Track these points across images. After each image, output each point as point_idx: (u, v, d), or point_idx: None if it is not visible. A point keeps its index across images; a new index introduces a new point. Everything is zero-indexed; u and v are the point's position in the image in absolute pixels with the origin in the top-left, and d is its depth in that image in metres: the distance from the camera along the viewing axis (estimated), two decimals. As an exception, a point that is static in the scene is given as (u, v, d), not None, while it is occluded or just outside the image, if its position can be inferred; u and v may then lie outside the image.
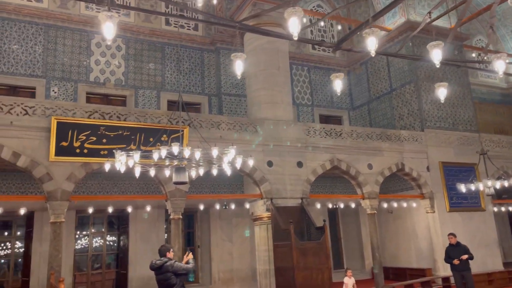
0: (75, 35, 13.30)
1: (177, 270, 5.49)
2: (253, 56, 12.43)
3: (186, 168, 6.95)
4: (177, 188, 10.03)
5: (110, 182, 12.26)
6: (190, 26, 15.19)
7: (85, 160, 9.14)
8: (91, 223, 13.35)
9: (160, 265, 5.57)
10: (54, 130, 8.80)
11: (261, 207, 11.23)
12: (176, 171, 6.65)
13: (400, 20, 15.23)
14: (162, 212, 13.07)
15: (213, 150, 6.36)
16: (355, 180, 12.52)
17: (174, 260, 5.64)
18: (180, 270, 5.49)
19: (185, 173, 6.72)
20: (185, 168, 6.80)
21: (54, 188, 8.78)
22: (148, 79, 14.04)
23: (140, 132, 9.64)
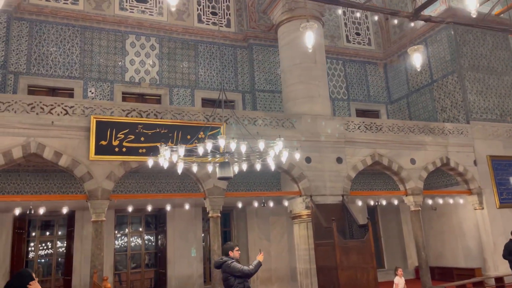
0: (110, 35, 13.40)
1: (233, 271, 5.23)
2: (288, 50, 12.14)
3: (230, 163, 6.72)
4: (215, 186, 9.87)
5: (148, 181, 12.27)
6: (223, 23, 15.03)
7: (124, 159, 9.10)
8: (129, 223, 13.42)
9: (219, 264, 5.35)
10: (93, 129, 8.82)
11: (300, 205, 10.92)
12: (220, 166, 6.44)
13: (441, 7, 14.51)
14: (199, 210, 12.98)
15: (260, 143, 6.10)
16: (397, 175, 11.99)
17: (232, 260, 5.37)
18: (236, 271, 5.22)
19: (230, 168, 6.50)
20: (229, 163, 6.58)
21: (94, 187, 8.79)
22: (182, 78, 13.98)
23: (178, 130, 9.53)
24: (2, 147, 8.29)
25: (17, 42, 12.25)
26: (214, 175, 9.79)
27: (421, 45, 7.60)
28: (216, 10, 15.10)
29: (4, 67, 11.66)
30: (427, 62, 15.02)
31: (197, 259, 12.63)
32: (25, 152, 8.43)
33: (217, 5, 15.16)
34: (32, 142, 8.51)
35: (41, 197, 10.17)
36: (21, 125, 8.45)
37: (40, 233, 12.74)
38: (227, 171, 6.35)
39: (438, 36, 14.61)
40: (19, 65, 12.12)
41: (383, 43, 17.20)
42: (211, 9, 15.03)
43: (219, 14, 15.08)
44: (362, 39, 17.11)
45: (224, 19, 15.11)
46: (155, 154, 9.29)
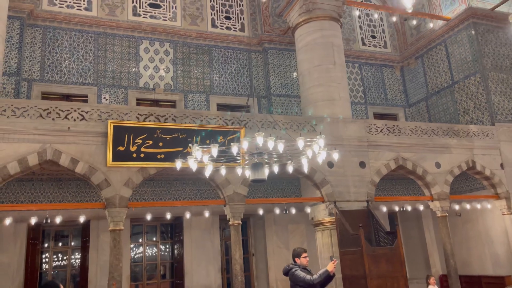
0: (123, 41, 13.20)
1: (296, 280, 4.82)
2: (306, 52, 11.83)
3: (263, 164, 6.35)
4: (236, 192, 9.51)
5: (163, 189, 11.94)
6: (236, 27, 14.79)
7: (142, 165, 8.78)
8: (144, 232, 13.07)
9: (286, 271, 4.97)
10: (110, 134, 8.52)
11: (322, 212, 10.51)
12: (253, 168, 6.07)
13: (460, 7, 14.15)
14: (216, 219, 12.60)
15: (299, 141, 5.73)
16: (422, 180, 11.54)
17: (297, 268, 4.94)
18: (299, 281, 4.81)
19: (263, 169, 6.12)
20: (262, 164, 6.21)
21: (112, 194, 8.46)
22: (197, 83, 13.71)
23: (197, 135, 9.20)
24: (18, 154, 8.00)
25: (31, 49, 12.07)
26: (234, 180, 9.47)
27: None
28: (230, 15, 14.87)
29: (18, 74, 11.46)
30: (446, 63, 14.63)
31: (215, 269, 12.22)
32: (41, 159, 8.14)
33: (230, 10, 14.94)
34: (48, 148, 8.22)
35: (57, 205, 9.87)
36: (37, 131, 8.17)
37: (54, 244, 12.41)
38: (261, 172, 5.97)
39: (458, 37, 14.22)
40: (33, 72, 11.92)
41: (399, 45, 16.85)
42: (225, 14, 14.81)
43: (233, 19, 14.85)
44: (378, 42, 16.78)
45: (238, 23, 14.87)
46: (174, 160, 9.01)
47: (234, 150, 5.83)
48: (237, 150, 5.85)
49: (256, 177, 5.90)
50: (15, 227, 10.47)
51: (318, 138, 5.76)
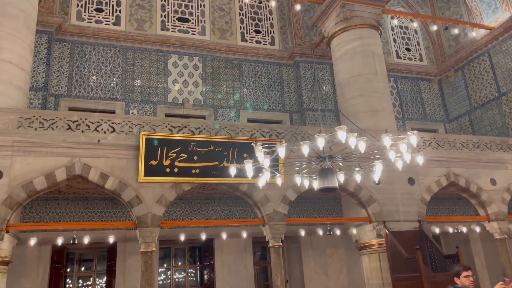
0: (152, 56, 12.78)
1: None
2: (345, 62, 11.15)
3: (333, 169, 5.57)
4: (276, 211, 8.68)
5: (193, 209, 11.23)
6: (267, 41, 14.27)
7: (176, 180, 8.09)
8: (172, 255, 12.26)
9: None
10: (142, 147, 7.88)
11: (369, 233, 9.56)
12: (321, 174, 5.29)
13: (504, 15, 13.35)
14: (249, 241, 11.72)
15: (384, 138, 4.95)
16: (476, 198, 10.51)
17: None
18: None
19: (333, 176, 5.34)
20: (332, 170, 5.43)
21: (144, 212, 7.75)
22: (227, 98, 13.13)
23: (234, 147, 8.51)
24: (45, 168, 7.42)
25: (58, 63, 11.72)
26: (274, 198, 8.68)
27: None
28: (260, 28, 14.40)
29: (45, 89, 11.08)
30: (491, 74, 13.73)
31: (249, 296, 11.28)
32: (69, 174, 7.53)
33: (260, 23, 14.48)
34: (77, 162, 7.62)
35: (84, 224, 9.22)
36: (65, 144, 7.59)
37: (78, 268, 11.69)
38: (331, 180, 5.18)
39: (504, 46, 13.37)
40: (60, 87, 11.53)
41: (436, 58, 16.05)
42: (254, 27, 14.35)
43: (262, 32, 14.37)
44: (413, 55, 16.02)
45: (268, 36, 14.37)
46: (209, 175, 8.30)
47: (304, 151, 5.05)
48: (307, 151, 5.07)
49: (326, 185, 5.12)
50: (39, 249, 9.82)
51: (410, 134, 4.94)
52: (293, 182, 8.88)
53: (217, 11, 13.96)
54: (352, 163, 6.10)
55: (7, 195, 7.10)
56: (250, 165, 5.56)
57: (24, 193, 7.22)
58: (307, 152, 5.15)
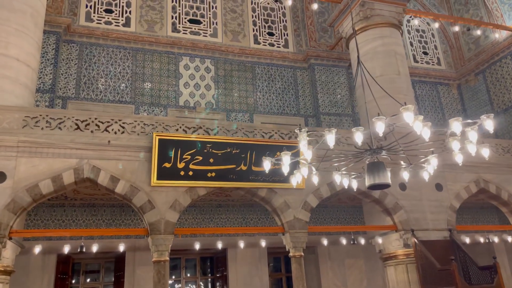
0: (162, 58, 12.35)
1: None
2: (365, 62, 10.56)
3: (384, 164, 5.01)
4: (297, 218, 8.10)
5: (206, 217, 10.67)
6: (280, 44, 13.82)
7: (191, 184, 7.55)
8: (183, 266, 11.65)
9: None
10: (156, 149, 7.36)
11: (395, 242, 8.94)
12: (370, 169, 4.73)
13: (530, 15, 12.85)
14: (264, 252, 11.11)
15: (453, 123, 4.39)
16: (507, 206, 9.89)
17: None
18: None
19: (385, 170, 4.77)
20: (384, 164, 4.87)
21: (156, 218, 7.20)
22: (240, 101, 12.63)
23: (251, 150, 7.97)
24: (52, 171, 6.90)
25: (66, 65, 11.30)
26: (294, 204, 8.11)
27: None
28: (273, 31, 13.97)
29: (52, 91, 10.64)
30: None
31: (264, 310, 10.63)
32: (77, 177, 7.01)
33: (273, 25, 14.05)
34: (86, 164, 7.10)
35: (92, 231, 8.69)
36: (74, 145, 7.09)
37: (84, 279, 11.10)
38: (382, 175, 4.61)
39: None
40: (68, 90, 11.09)
41: (455, 62, 15.52)
42: (268, 30, 13.92)
43: (276, 35, 13.92)
44: (431, 59, 15.50)
45: (281, 39, 13.92)
46: (226, 178, 7.76)
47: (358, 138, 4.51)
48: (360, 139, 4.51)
49: (378, 181, 4.54)
50: (43, 259, 9.26)
51: (484, 118, 4.38)
52: (315, 187, 8.39)
53: (229, 13, 13.56)
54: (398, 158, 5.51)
55: (11, 199, 6.58)
56: (288, 158, 5.02)
57: (29, 197, 6.70)
58: (360, 140, 4.59)
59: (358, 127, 4.61)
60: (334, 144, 4.62)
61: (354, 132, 4.51)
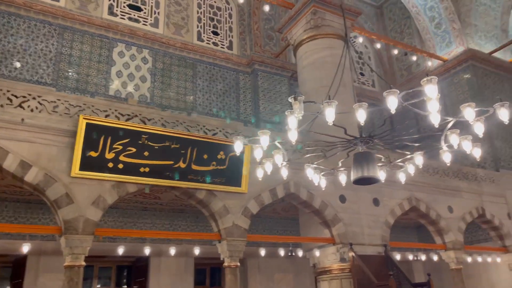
0: (95, 41, 11.10)
1: None
2: (313, 71, 10.44)
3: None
4: (236, 225, 7.42)
5: (129, 220, 9.56)
6: (224, 45, 13.25)
7: (120, 179, 6.54)
8: (96, 275, 10.30)
9: None
10: (81, 134, 6.28)
11: (331, 256, 8.62)
12: (357, 161, 4.19)
13: (458, 49, 13.76)
14: (190, 261, 10.25)
15: (466, 109, 3.99)
16: (435, 225, 10.15)
17: None
18: None
19: (374, 162, 4.26)
20: (372, 155, 4.37)
21: (74, 215, 6.08)
22: (177, 98, 11.76)
23: (193, 146, 7.19)
24: None
25: (-25, 32, 9.62)
26: (234, 209, 7.44)
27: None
28: (218, 30, 13.37)
29: (-47, 59, 8.92)
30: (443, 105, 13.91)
31: (187, 327, 9.70)
32: (-25, 158, 5.69)
33: (219, 25, 13.47)
34: (-11, 144, 5.81)
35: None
36: (-24, 118, 5.78)
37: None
38: (372, 168, 4.10)
39: (455, 79, 13.70)
40: (-26, 60, 9.41)
41: (387, 87, 16.12)
42: (212, 28, 13.29)
43: (220, 34, 13.35)
44: (367, 80, 15.98)
45: (226, 40, 13.37)
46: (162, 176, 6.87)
47: (360, 117, 3.96)
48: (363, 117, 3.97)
49: (365, 174, 4.04)
50: None
51: (498, 106, 4.05)
52: (257, 192, 7.83)
53: (173, 5, 12.71)
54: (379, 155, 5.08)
55: None
56: (266, 138, 4.39)
57: None
58: (363, 119, 4.08)
59: (361, 103, 4.08)
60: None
61: (356, 108, 4.00)
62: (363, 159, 4.30)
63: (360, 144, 4.63)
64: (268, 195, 7.95)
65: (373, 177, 4.31)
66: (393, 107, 3.80)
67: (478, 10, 14.00)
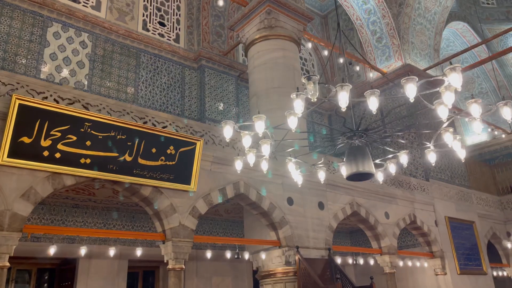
0: (26, 17, 9.97)
1: None
2: (265, 71, 10.29)
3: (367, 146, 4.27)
4: (182, 225, 6.97)
5: (56, 218, 8.67)
6: (171, 37, 12.67)
7: (56, 169, 5.79)
8: (12, 279, 9.14)
9: None
10: (12, 116, 5.46)
11: (276, 259, 8.46)
12: (350, 155, 3.93)
13: (396, 63, 14.49)
14: (124, 264, 9.50)
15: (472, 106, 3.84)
16: (372, 231, 10.45)
17: None
18: None
19: (368, 155, 4.03)
20: (366, 149, 4.13)
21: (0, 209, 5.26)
22: (118, 88, 10.95)
23: (140, 138, 6.63)
24: None
25: None
26: (181, 209, 6.99)
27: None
28: (165, 21, 12.76)
29: None
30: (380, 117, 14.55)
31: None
32: None
33: (166, 16, 12.85)
34: None
35: None
36: None
37: None
38: (366, 163, 3.88)
39: (393, 91, 14.37)
40: None
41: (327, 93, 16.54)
42: (159, 19, 12.65)
43: (167, 26, 12.74)
44: (310, 87, 16.24)
45: (173, 32, 12.79)
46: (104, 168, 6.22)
47: (372, 105, 3.72)
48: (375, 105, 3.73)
49: (360, 169, 3.82)
50: None
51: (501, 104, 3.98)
52: (206, 191, 7.44)
53: (118, -11, 11.89)
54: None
55: None
56: (262, 123, 4.07)
57: None
58: (375, 107, 3.87)
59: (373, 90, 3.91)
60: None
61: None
62: (358, 154, 4.16)
63: (355, 138, 4.46)
64: (217, 194, 7.59)
65: (369, 172, 4.18)
66: (412, 95, 3.68)
67: (416, 28, 14.89)
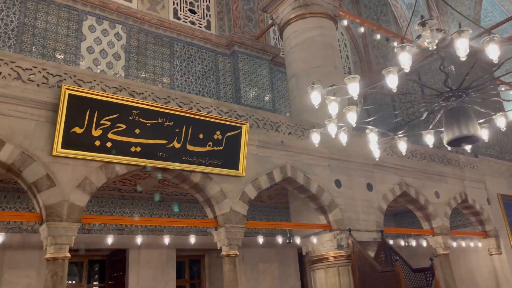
0: (62, 12, 9.99)
1: None
2: (302, 51, 9.96)
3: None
4: (234, 210, 6.82)
5: (104, 210, 8.72)
6: (202, 24, 12.49)
7: (109, 159, 5.74)
8: (65, 271, 9.29)
9: None
10: (63, 107, 5.40)
11: (327, 243, 8.22)
12: (454, 116, 3.66)
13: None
14: (172, 253, 9.53)
15: None
16: (423, 211, 10.05)
17: None
18: None
19: (473, 118, 3.76)
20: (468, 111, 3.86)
21: (57, 200, 5.23)
22: (154, 78, 10.90)
23: (188, 124, 6.50)
24: None
25: None
26: (232, 194, 6.84)
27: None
28: (195, 8, 12.58)
29: None
30: (419, 93, 13.97)
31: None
32: None
33: (196, 3, 12.67)
34: (-48, 115, 4.83)
35: None
36: None
37: None
38: (470, 125, 3.59)
39: (433, 66, 13.75)
40: None
41: (363, 74, 16.04)
42: (189, 6, 12.48)
43: (198, 13, 12.57)
44: (343, 67, 15.77)
45: (203, 19, 12.61)
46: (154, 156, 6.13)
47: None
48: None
49: (465, 132, 3.54)
50: None
51: None
52: (253, 176, 7.27)
53: (148, -22, 11.77)
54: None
55: None
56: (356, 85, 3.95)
57: None
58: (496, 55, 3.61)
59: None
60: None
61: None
62: (460, 115, 3.83)
63: (452, 99, 4.14)
64: (265, 179, 7.41)
65: (475, 135, 3.83)
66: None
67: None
